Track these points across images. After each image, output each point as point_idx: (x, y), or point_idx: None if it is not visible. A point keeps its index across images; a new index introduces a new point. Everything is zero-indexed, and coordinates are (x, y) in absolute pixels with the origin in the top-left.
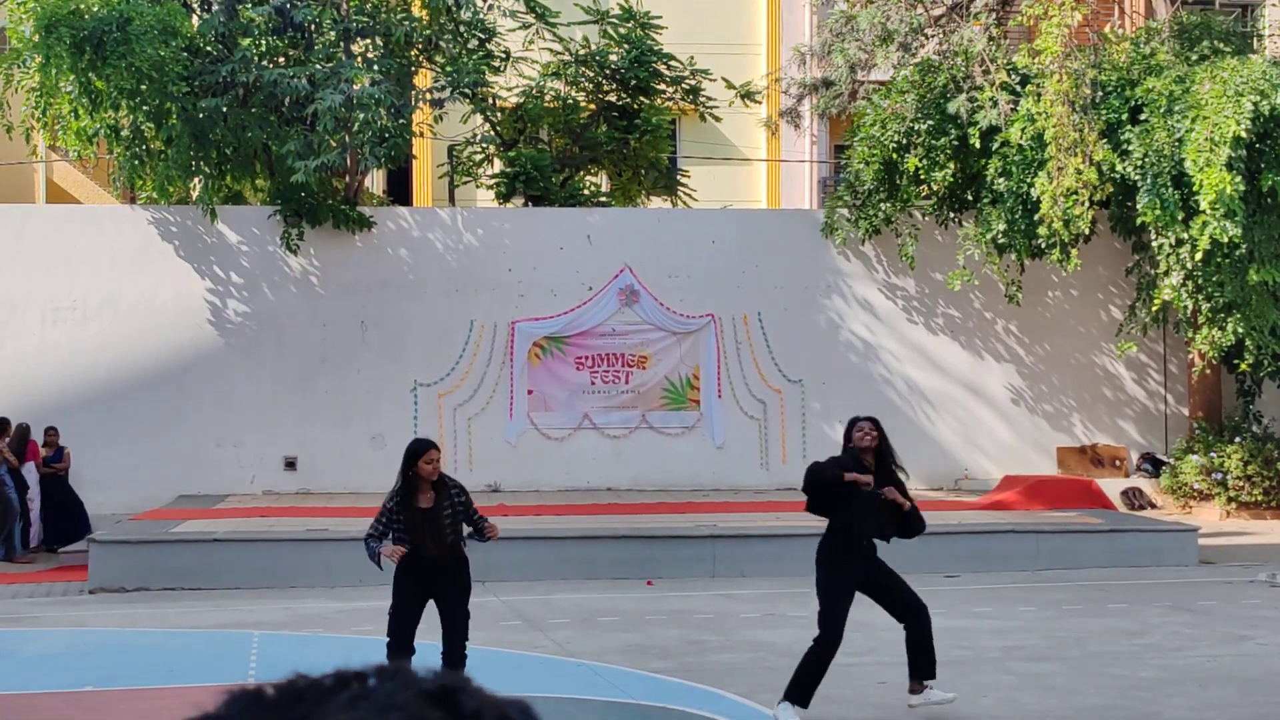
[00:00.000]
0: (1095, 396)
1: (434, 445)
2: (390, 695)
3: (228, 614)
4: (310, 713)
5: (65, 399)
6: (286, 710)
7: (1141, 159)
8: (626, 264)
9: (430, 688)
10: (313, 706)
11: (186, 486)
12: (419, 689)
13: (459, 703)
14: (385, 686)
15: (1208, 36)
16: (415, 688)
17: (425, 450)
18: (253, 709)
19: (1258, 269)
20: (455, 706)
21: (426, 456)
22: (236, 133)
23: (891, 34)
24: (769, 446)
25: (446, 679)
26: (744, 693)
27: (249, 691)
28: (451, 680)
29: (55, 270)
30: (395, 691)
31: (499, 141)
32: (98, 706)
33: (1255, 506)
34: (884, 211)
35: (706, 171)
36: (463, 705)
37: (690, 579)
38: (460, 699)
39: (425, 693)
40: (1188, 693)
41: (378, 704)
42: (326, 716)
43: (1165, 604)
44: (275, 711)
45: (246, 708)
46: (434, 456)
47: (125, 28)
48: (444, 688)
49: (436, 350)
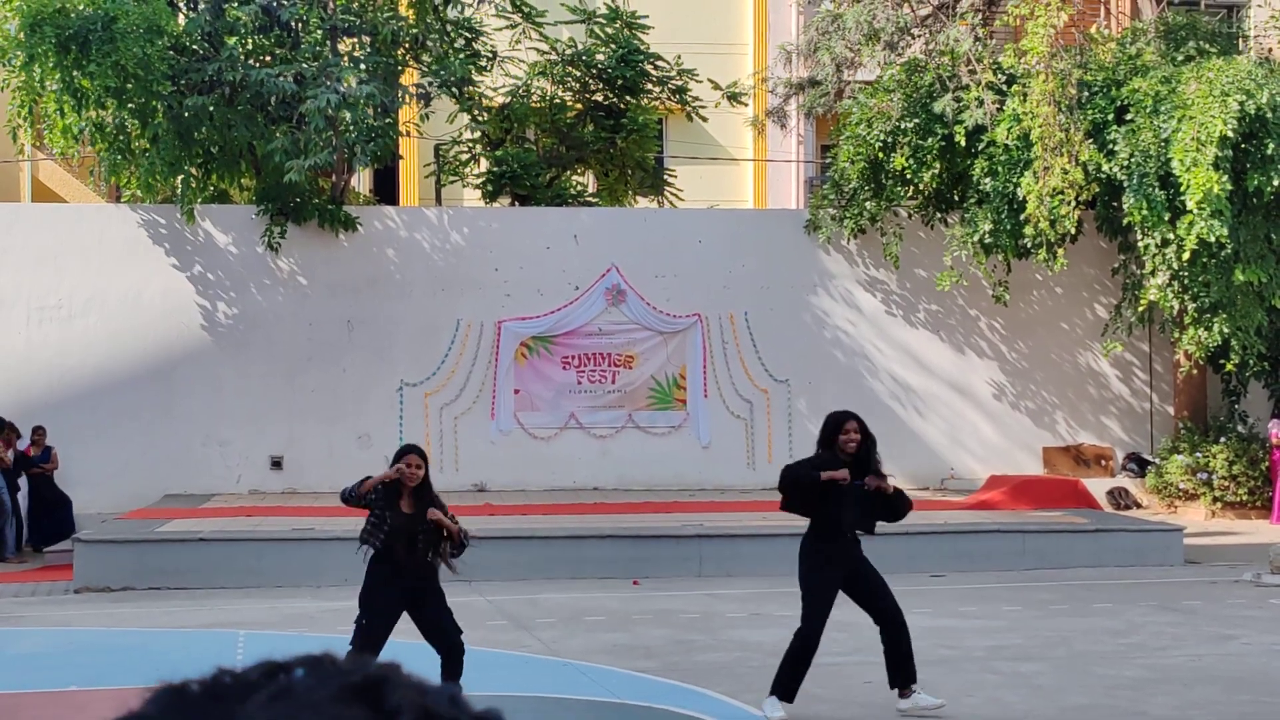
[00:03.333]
0: (1081, 396)
1: (418, 450)
2: (310, 691)
3: (213, 613)
4: (232, 711)
5: (51, 398)
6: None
7: (1128, 159)
8: (613, 263)
9: (355, 680)
10: (234, 704)
11: (172, 485)
12: (341, 682)
13: (383, 696)
14: (307, 681)
15: (1193, 37)
16: (337, 681)
17: (406, 454)
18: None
19: (1243, 269)
20: (378, 701)
21: (407, 460)
22: (222, 131)
23: (878, 33)
24: (755, 446)
25: (372, 669)
26: (730, 692)
27: (173, 688)
28: (377, 671)
29: (41, 269)
30: (316, 687)
31: (486, 141)
32: (83, 706)
33: (1240, 506)
34: (869, 211)
35: (693, 171)
36: (386, 699)
37: (676, 578)
38: (384, 692)
39: (348, 686)
40: (1172, 692)
41: (296, 702)
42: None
43: (1150, 603)
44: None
45: (169, 705)
46: (414, 461)
47: (111, 26)
48: (368, 679)
49: (423, 350)
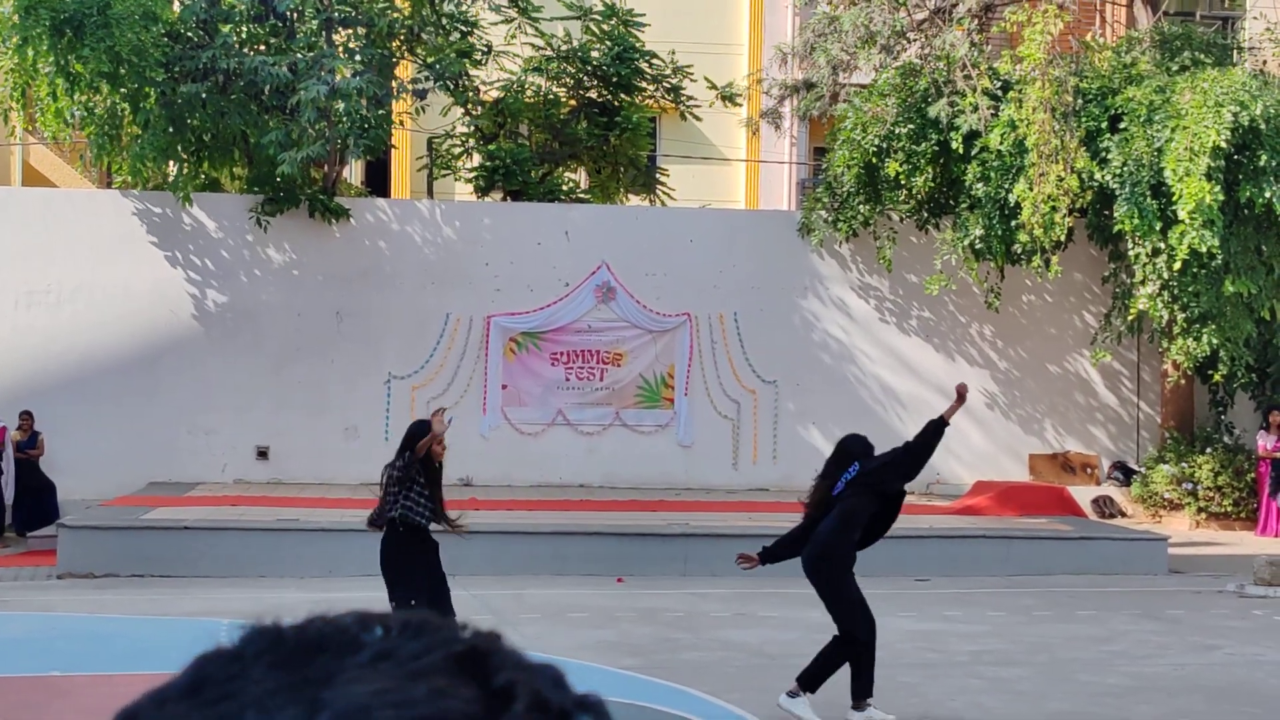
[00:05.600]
0: (1068, 403)
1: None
2: (416, 658)
3: (196, 602)
4: (331, 671)
5: (38, 383)
6: (306, 661)
7: (1120, 167)
8: (604, 261)
9: (459, 649)
10: (333, 662)
11: (157, 473)
12: (447, 650)
13: (491, 671)
14: (410, 645)
15: (1189, 47)
16: (444, 648)
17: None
18: (270, 652)
19: (1233, 280)
20: (486, 676)
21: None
22: (215, 119)
23: (874, 36)
24: (740, 447)
25: (477, 638)
26: (713, 691)
27: (267, 629)
28: (482, 641)
29: (30, 254)
30: (421, 653)
31: (479, 135)
32: (65, 691)
33: (1225, 517)
34: (863, 215)
35: (686, 170)
36: (494, 675)
37: (662, 577)
38: (492, 665)
39: (453, 656)
40: (1155, 700)
41: (403, 668)
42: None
43: (1134, 612)
44: (294, 661)
45: (266, 649)
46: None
47: (106, 11)
48: (474, 650)
49: (411, 343)
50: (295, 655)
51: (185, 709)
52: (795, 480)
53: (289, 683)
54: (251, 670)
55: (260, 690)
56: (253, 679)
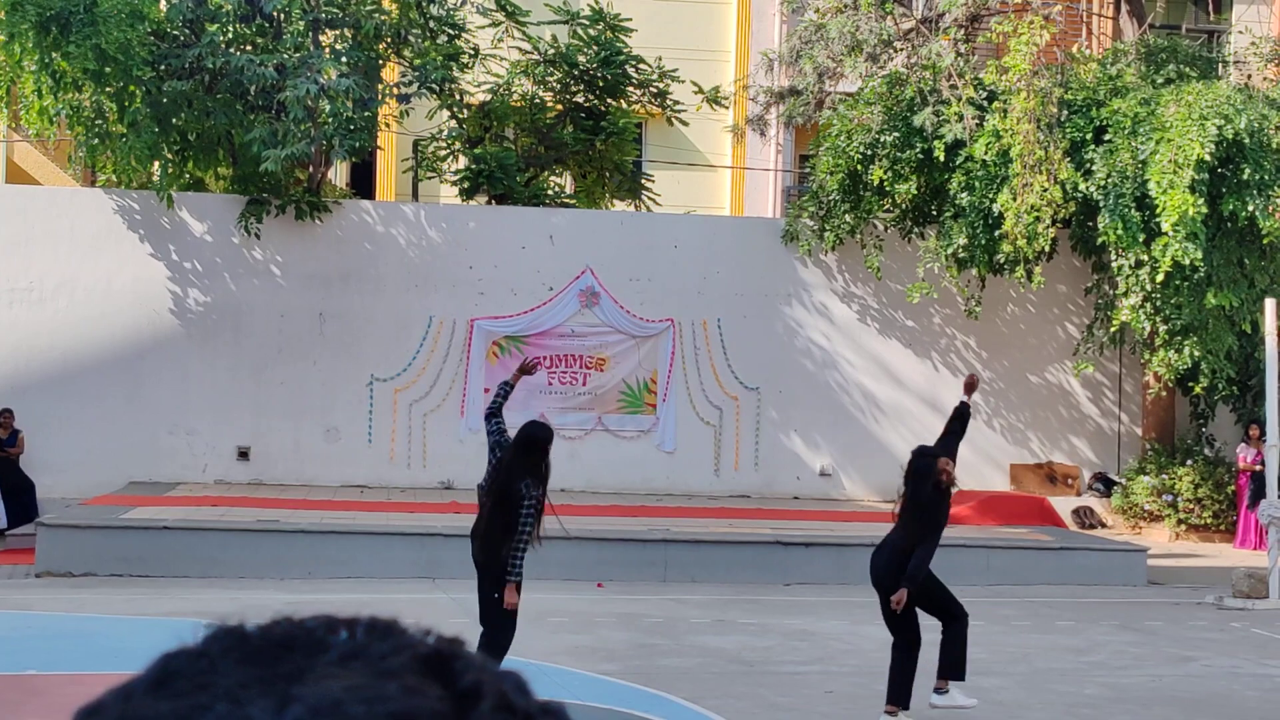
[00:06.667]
0: (1050, 414)
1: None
2: (384, 658)
3: (175, 602)
4: (302, 668)
5: (19, 381)
6: (275, 659)
7: (1104, 179)
8: (588, 265)
9: (425, 651)
10: (303, 660)
11: (138, 473)
12: (414, 652)
13: (457, 673)
14: (378, 645)
15: (1174, 60)
16: (410, 650)
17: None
18: (237, 649)
19: (1215, 293)
20: (453, 678)
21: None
22: (200, 118)
23: (861, 44)
24: (722, 453)
25: (440, 641)
26: (691, 697)
27: (232, 630)
28: (445, 644)
29: (13, 251)
30: (389, 653)
31: (464, 138)
32: (41, 691)
33: (1205, 529)
34: (848, 223)
35: (671, 176)
36: (459, 677)
37: (641, 582)
38: (458, 668)
39: (419, 658)
40: (1131, 711)
41: (372, 667)
42: (318, 680)
43: (1112, 623)
44: (263, 658)
45: (231, 647)
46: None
47: (92, 9)
48: (439, 653)
49: (394, 345)
50: (263, 653)
51: (153, 701)
52: (776, 487)
53: (259, 676)
54: (220, 665)
55: (231, 682)
56: (222, 673)
